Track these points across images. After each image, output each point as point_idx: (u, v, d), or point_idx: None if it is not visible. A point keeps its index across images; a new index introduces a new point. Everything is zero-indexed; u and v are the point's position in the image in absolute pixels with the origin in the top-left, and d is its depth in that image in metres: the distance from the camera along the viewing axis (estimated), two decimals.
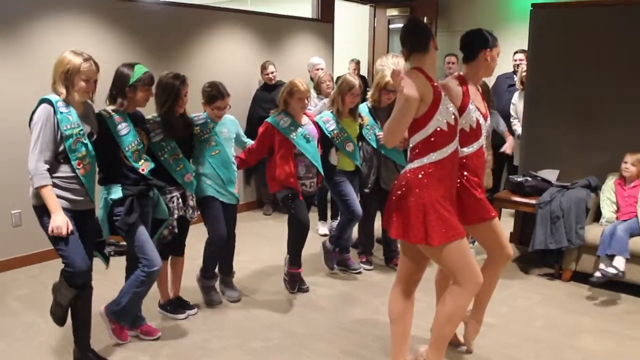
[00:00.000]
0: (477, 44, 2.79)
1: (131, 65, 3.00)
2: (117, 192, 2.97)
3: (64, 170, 2.71)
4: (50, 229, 2.64)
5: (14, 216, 4.41)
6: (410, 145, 2.61)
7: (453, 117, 2.56)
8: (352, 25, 8.61)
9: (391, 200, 2.64)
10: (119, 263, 3.25)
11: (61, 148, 2.67)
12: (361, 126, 4.21)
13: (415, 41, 2.59)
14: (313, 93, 5.49)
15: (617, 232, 3.90)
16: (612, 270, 3.84)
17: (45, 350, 3.15)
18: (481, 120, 2.83)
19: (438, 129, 2.51)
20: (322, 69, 6.03)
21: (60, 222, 2.63)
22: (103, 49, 4.73)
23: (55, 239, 2.69)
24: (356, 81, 4.05)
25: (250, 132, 5.19)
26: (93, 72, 2.72)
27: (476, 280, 2.58)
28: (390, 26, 8.54)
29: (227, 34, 5.95)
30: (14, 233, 4.42)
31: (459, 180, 2.77)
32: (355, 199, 4.20)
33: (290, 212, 3.83)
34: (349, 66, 7.72)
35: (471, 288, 2.58)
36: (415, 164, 2.56)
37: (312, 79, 5.95)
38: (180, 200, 3.38)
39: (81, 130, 2.71)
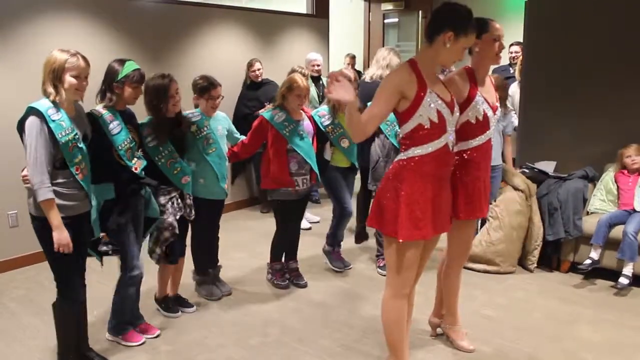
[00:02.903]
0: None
1: (122, 61, 2.95)
2: (109, 192, 2.95)
3: (63, 176, 2.64)
4: (56, 246, 2.58)
5: (11, 217, 4.40)
6: (400, 137, 2.59)
7: (437, 114, 2.43)
8: (348, 20, 8.59)
9: (377, 190, 2.64)
10: (115, 260, 3.24)
11: (58, 156, 2.61)
12: None
13: (427, 28, 2.51)
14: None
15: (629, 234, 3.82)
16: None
17: (44, 351, 3.14)
18: (489, 113, 2.79)
19: (420, 124, 2.44)
20: (318, 65, 6.01)
21: (66, 239, 2.59)
22: (95, 47, 4.70)
23: (56, 261, 2.67)
24: (351, 74, 3.98)
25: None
26: (82, 67, 2.61)
27: (402, 291, 2.60)
28: (385, 20, 8.50)
29: (221, 31, 5.92)
30: (11, 234, 4.41)
31: (458, 173, 2.76)
32: (347, 196, 4.16)
33: (277, 219, 3.96)
34: (345, 61, 7.74)
35: (392, 294, 2.60)
36: (401, 156, 2.54)
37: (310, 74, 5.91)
38: (179, 200, 3.36)
39: (76, 135, 2.64)
